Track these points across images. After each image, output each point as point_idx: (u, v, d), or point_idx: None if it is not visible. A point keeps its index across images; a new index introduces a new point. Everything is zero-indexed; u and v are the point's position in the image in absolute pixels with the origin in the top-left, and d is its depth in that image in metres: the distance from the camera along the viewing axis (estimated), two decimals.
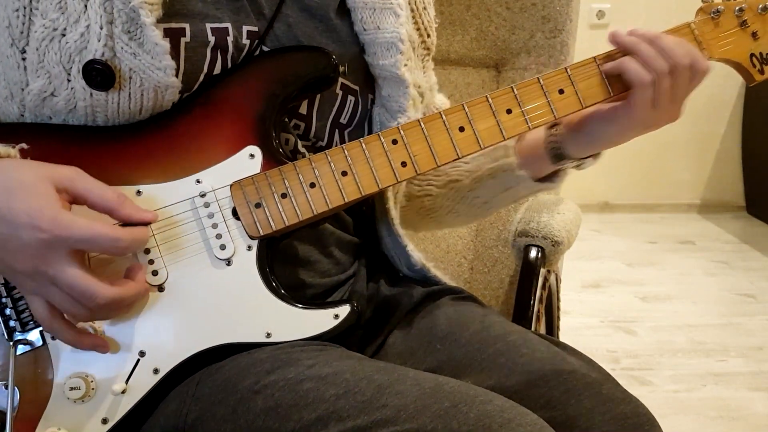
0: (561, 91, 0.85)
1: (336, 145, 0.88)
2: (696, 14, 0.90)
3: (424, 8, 0.98)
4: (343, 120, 0.91)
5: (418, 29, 0.96)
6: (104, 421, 0.77)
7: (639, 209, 3.76)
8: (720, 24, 0.89)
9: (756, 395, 2.15)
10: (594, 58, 0.87)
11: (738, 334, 2.52)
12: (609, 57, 0.87)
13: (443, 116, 0.83)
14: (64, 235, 0.69)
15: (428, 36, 0.98)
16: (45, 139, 0.79)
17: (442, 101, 1.07)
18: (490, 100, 0.84)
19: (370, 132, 0.94)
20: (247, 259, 0.80)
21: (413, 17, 0.96)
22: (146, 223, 0.76)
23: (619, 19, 3.47)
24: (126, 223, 0.75)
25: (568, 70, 0.86)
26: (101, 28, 0.76)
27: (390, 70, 0.90)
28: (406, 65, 0.91)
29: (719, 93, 3.61)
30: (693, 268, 3.09)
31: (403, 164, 0.82)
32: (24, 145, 0.76)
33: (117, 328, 0.78)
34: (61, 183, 0.72)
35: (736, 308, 2.73)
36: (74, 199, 0.73)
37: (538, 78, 0.85)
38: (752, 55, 0.90)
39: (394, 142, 0.82)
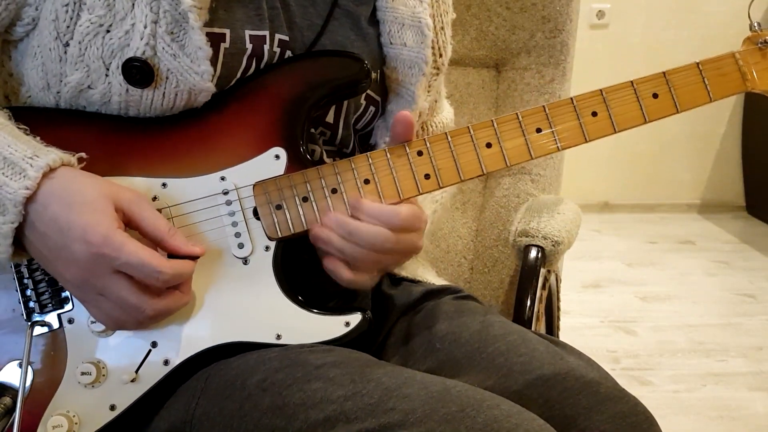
0: (594, 114, 0.84)
1: (358, 152, 0.89)
2: (742, 44, 0.88)
3: (442, 28, 0.97)
4: (359, 126, 0.92)
5: (432, 48, 0.95)
6: (112, 407, 0.78)
7: (639, 209, 3.76)
8: None
9: (756, 395, 2.15)
10: (631, 82, 0.85)
11: (738, 334, 2.52)
12: (647, 80, 0.84)
13: (471, 131, 0.83)
14: (112, 255, 0.71)
15: (440, 56, 0.97)
16: (78, 127, 0.80)
17: (447, 117, 1.07)
18: (520, 117, 0.83)
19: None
20: (263, 260, 0.81)
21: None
22: (194, 257, 0.76)
23: (619, 19, 3.47)
24: (172, 255, 0.76)
25: (603, 92, 0.84)
26: (145, 27, 0.77)
27: (407, 88, 0.91)
28: (421, 86, 0.91)
29: None
30: (693, 268, 3.09)
31: (427, 176, 0.82)
32: (83, 155, 0.77)
33: None
34: (120, 203, 0.74)
35: (736, 308, 2.73)
36: (128, 222, 0.74)
37: (571, 99, 0.84)
38: None
39: (420, 153, 0.82)
